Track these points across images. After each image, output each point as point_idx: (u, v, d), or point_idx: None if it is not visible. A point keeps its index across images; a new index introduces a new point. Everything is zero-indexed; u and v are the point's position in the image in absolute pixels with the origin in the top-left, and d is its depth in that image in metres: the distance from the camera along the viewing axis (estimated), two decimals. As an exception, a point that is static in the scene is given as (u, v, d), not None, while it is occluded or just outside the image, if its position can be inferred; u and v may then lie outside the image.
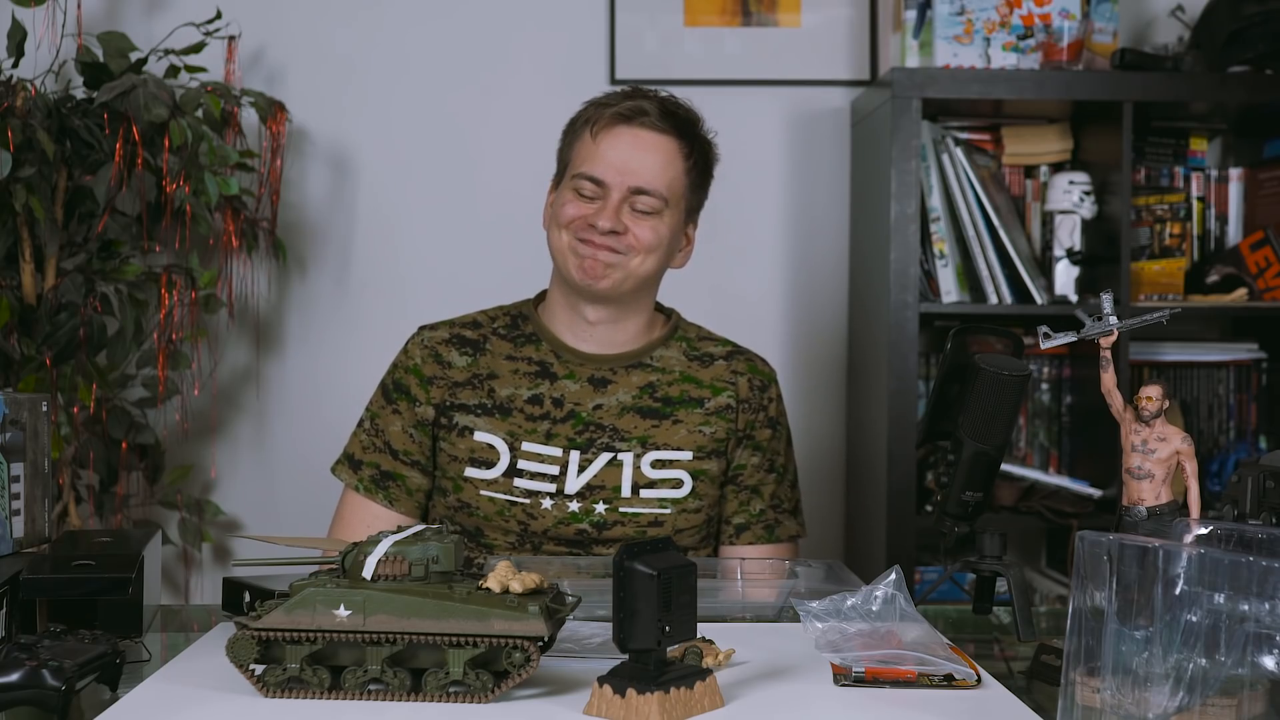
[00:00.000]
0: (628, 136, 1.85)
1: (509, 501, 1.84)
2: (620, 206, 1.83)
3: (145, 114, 2.46)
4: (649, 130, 1.85)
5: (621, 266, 1.84)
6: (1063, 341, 1.32)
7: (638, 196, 1.84)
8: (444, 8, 2.92)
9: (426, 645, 1.19)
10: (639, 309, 1.93)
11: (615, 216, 1.83)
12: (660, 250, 1.87)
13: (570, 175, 1.88)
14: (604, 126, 1.85)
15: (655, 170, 1.85)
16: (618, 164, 1.84)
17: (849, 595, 1.36)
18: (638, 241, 1.84)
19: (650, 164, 1.85)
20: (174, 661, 1.36)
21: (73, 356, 2.54)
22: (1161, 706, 1.01)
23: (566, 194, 1.87)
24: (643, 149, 1.85)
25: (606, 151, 1.84)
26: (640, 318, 1.93)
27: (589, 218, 1.83)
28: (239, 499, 2.93)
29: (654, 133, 1.86)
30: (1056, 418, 2.84)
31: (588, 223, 1.83)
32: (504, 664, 1.19)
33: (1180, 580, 1.01)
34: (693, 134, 1.90)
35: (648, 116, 1.85)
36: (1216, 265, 2.79)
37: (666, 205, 1.86)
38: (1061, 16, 2.65)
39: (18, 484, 1.54)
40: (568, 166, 1.90)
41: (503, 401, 1.88)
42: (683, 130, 1.88)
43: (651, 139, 1.85)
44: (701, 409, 1.90)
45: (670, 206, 1.86)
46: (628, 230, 1.83)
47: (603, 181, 1.84)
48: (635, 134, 1.85)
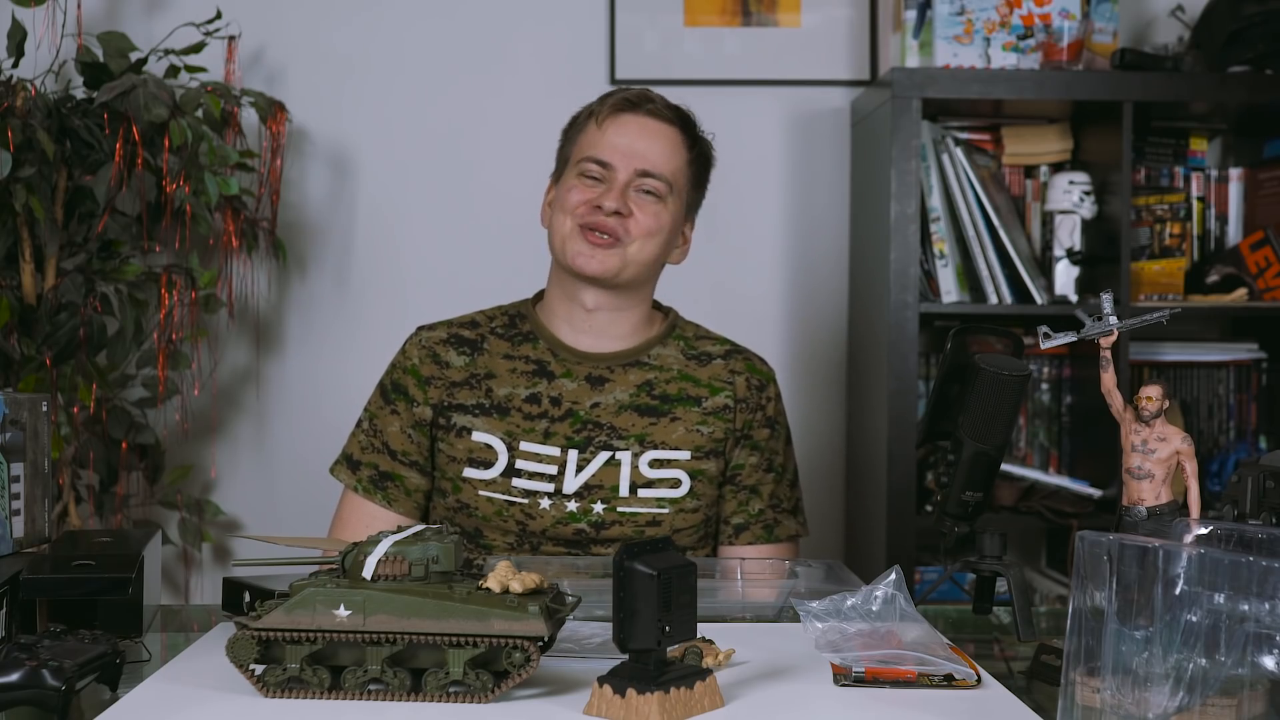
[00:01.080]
0: (634, 122, 1.88)
1: (507, 501, 1.84)
2: (626, 189, 1.85)
3: (145, 114, 2.46)
4: (655, 118, 1.88)
5: (620, 252, 1.85)
6: (1063, 341, 1.32)
7: (644, 179, 1.85)
8: (444, 8, 2.92)
9: (426, 645, 1.19)
10: (636, 300, 1.93)
11: (621, 197, 1.84)
12: (660, 237, 1.88)
13: (575, 162, 1.89)
14: (609, 113, 1.88)
15: (662, 154, 1.87)
16: (623, 147, 1.86)
17: (849, 595, 1.36)
18: (638, 226, 1.85)
19: (657, 148, 1.87)
20: (174, 661, 1.36)
21: (73, 356, 2.54)
22: (1161, 706, 1.01)
23: (571, 180, 1.88)
24: (649, 134, 1.87)
25: (613, 136, 1.87)
26: (638, 311, 1.93)
27: (594, 200, 1.84)
28: (239, 499, 2.93)
29: (660, 121, 1.89)
30: (1056, 418, 2.84)
31: (593, 205, 1.84)
32: (504, 664, 1.19)
33: (1180, 580, 1.01)
34: (694, 131, 1.93)
35: (654, 104, 1.89)
36: (1216, 265, 2.79)
37: (670, 191, 1.87)
38: (1061, 16, 2.65)
39: (18, 484, 1.54)
40: (569, 159, 1.92)
41: (500, 401, 1.88)
42: (685, 124, 1.92)
43: (657, 126, 1.88)
44: (699, 408, 1.90)
45: (673, 194, 1.88)
46: (632, 213, 1.85)
47: (609, 163, 1.85)
48: (641, 120, 1.88)
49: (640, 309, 1.94)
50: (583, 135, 1.90)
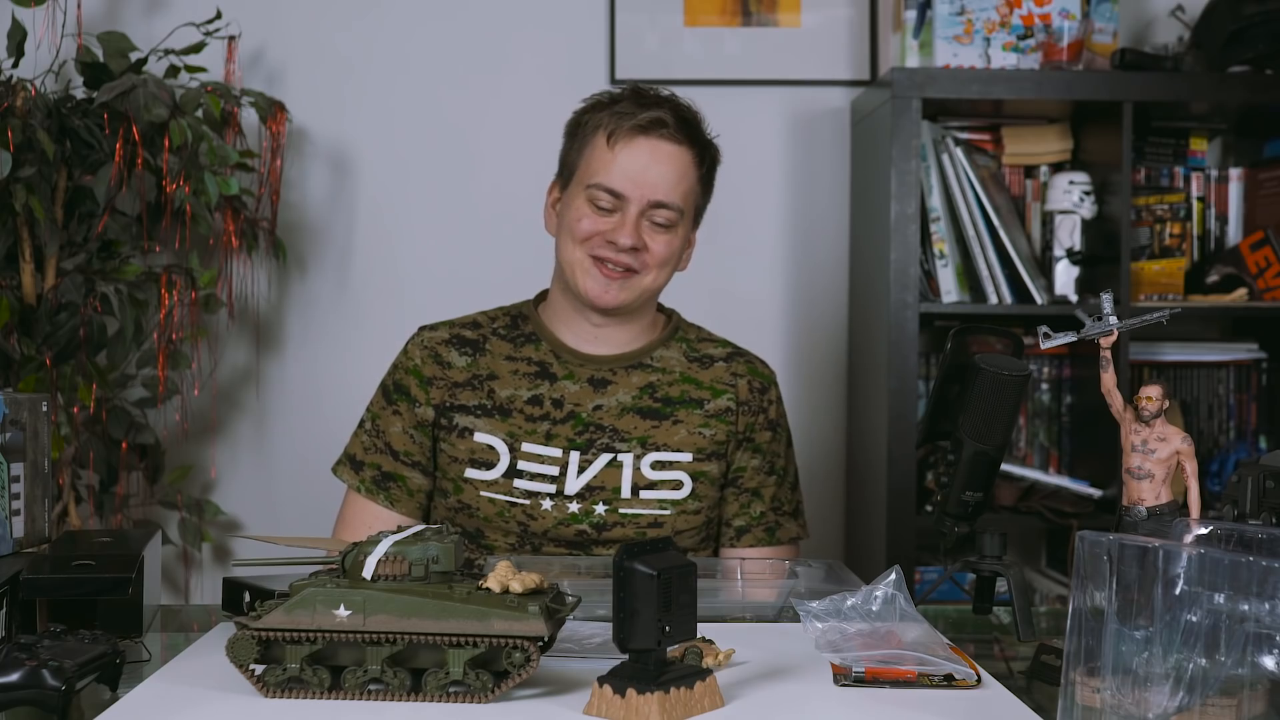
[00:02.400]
0: (646, 148, 1.83)
1: (509, 502, 1.84)
2: (639, 219, 1.83)
3: (145, 114, 2.46)
4: (668, 142, 1.84)
5: (635, 286, 1.85)
6: (1063, 341, 1.32)
7: (657, 210, 1.83)
8: (444, 8, 2.92)
9: (426, 645, 1.19)
10: (643, 312, 1.93)
11: (635, 232, 1.82)
12: (673, 263, 1.88)
13: (584, 185, 1.85)
14: (622, 137, 1.83)
15: (672, 182, 1.84)
16: (636, 177, 1.82)
17: (849, 595, 1.36)
18: (653, 258, 1.84)
19: (668, 176, 1.84)
20: (174, 661, 1.36)
21: (73, 356, 2.54)
22: (1161, 706, 1.01)
23: (581, 205, 1.85)
24: (661, 161, 1.83)
25: (625, 163, 1.82)
26: (643, 320, 1.94)
27: (607, 234, 1.82)
28: (239, 499, 2.93)
29: (672, 144, 1.84)
30: (1056, 418, 2.84)
31: (606, 239, 1.82)
32: (504, 664, 1.19)
33: (1180, 580, 1.01)
34: (704, 141, 1.90)
35: (667, 128, 1.83)
36: (1216, 265, 2.79)
37: (681, 216, 1.86)
38: (1061, 16, 2.65)
39: (18, 484, 1.54)
40: (576, 172, 1.88)
41: (503, 402, 1.88)
42: (695, 138, 1.87)
43: (669, 150, 1.84)
44: (701, 410, 1.90)
45: (684, 218, 1.87)
46: (646, 246, 1.83)
47: (621, 194, 1.82)
48: (654, 145, 1.83)
49: (645, 315, 1.94)
50: (591, 151, 1.86)
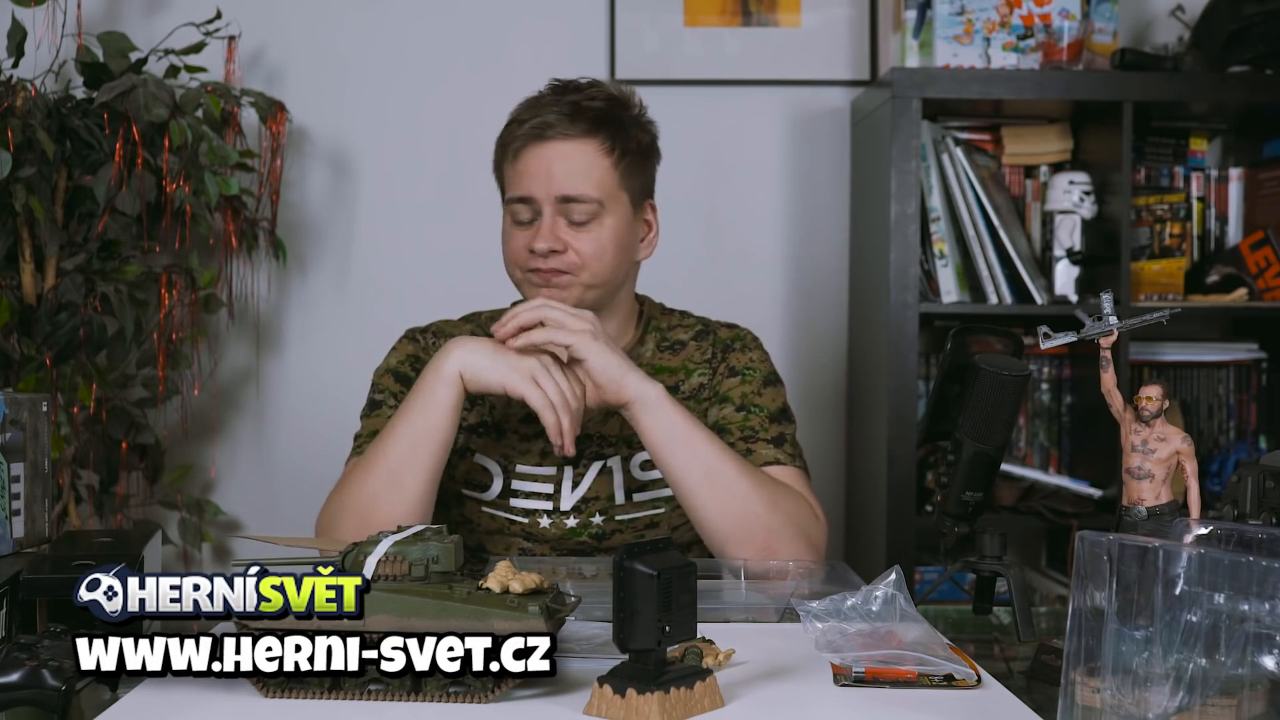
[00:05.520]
0: (540, 152, 1.80)
1: (508, 520, 1.84)
2: (555, 222, 1.79)
3: (145, 114, 2.46)
4: (560, 141, 1.80)
5: (573, 283, 1.80)
6: (1063, 341, 1.32)
7: (569, 205, 1.79)
8: (444, 8, 2.92)
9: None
10: (614, 308, 1.89)
11: (551, 234, 1.78)
12: (608, 255, 1.82)
13: (505, 204, 1.85)
14: (519, 147, 1.82)
15: (577, 175, 1.79)
16: (540, 175, 1.79)
17: (849, 595, 1.36)
18: (579, 257, 1.79)
19: (573, 170, 1.79)
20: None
21: (73, 356, 2.54)
22: (1161, 706, 1.01)
23: (507, 224, 1.84)
24: (562, 157, 1.80)
25: (525, 170, 1.81)
26: (617, 316, 1.90)
27: (529, 244, 1.79)
28: (239, 499, 2.93)
29: (565, 141, 1.80)
30: (1056, 418, 2.84)
31: (529, 250, 1.79)
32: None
33: (1180, 580, 1.01)
34: (610, 125, 1.83)
35: (554, 128, 1.80)
36: (1216, 265, 2.79)
37: (602, 207, 1.80)
38: (1061, 16, 2.65)
39: (18, 484, 1.54)
40: (502, 192, 1.87)
41: (498, 420, 1.87)
42: (598, 125, 1.82)
43: (564, 148, 1.80)
44: (678, 395, 1.85)
45: (607, 207, 1.81)
46: (567, 247, 1.79)
47: (530, 198, 1.80)
48: (547, 148, 1.80)
49: (619, 312, 1.90)
50: (505, 167, 1.85)
